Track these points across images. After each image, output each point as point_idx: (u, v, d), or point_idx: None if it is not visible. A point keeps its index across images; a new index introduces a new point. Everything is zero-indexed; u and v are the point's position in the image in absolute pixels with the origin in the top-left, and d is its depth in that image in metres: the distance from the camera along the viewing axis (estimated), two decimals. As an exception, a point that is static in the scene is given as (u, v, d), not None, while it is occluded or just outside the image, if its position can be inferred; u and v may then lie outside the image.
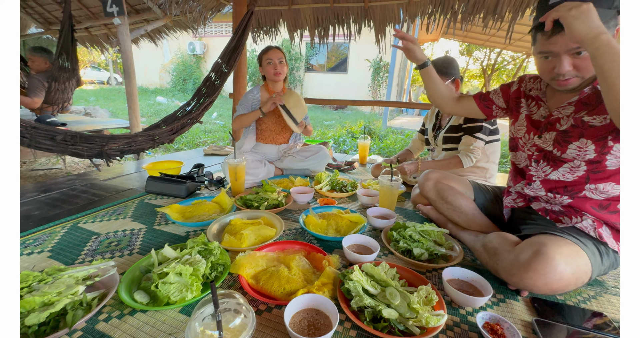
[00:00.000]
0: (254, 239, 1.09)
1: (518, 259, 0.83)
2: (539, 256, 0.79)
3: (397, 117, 9.64)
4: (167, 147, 4.37)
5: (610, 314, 0.83)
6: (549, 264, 0.78)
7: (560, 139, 0.93)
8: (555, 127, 0.95)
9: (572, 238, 0.85)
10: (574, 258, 0.81)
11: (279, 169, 2.00)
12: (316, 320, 0.72)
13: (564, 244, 0.82)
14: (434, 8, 2.70)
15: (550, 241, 0.82)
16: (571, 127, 0.91)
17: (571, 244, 0.83)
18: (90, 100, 8.82)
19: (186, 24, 3.73)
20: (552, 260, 0.78)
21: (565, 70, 0.82)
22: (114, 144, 1.86)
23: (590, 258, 0.83)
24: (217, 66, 2.33)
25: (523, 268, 0.81)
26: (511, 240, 0.93)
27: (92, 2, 3.47)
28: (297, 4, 3.05)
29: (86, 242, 1.09)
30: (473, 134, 1.53)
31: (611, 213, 0.90)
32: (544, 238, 0.84)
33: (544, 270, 0.78)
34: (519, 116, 1.09)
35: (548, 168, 0.98)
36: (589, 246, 0.85)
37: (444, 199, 1.21)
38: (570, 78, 0.84)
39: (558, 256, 0.79)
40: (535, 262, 0.79)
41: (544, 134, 0.98)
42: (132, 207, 1.42)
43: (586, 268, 0.82)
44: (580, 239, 0.86)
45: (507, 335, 0.71)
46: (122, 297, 0.76)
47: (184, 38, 9.58)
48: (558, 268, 0.78)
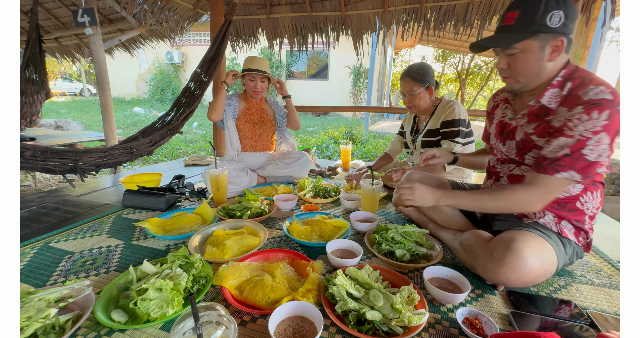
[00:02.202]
0: (238, 249, 1.08)
1: (492, 255, 0.88)
2: (510, 252, 0.84)
3: (379, 122, 9.84)
4: (145, 159, 4.24)
5: (579, 302, 0.89)
6: (519, 258, 0.83)
7: (518, 148, 1.01)
8: (514, 136, 1.02)
9: (538, 232, 0.92)
10: (541, 251, 0.86)
11: (261, 177, 1.99)
12: (301, 327, 0.72)
13: (531, 238, 0.88)
14: (408, 16, 2.82)
15: (519, 236, 0.87)
16: (522, 141, 0.99)
17: (537, 237, 0.89)
18: (62, 112, 8.45)
19: (163, 34, 3.68)
20: (522, 254, 0.83)
21: (500, 66, 0.92)
22: (89, 158, 1.80)
23: (555, 250, 0.90)
24: (196, 75, 2.31)
25: (497, 263, 0.86)
26: (485, 236, 0.98)
27: (61, 12, 3.36)
28: (275, 13, 3.09)
29: (58, 262, 1.04)
30: (452, 139, 1.59)
31: (570, 212, 0.96)
32: (513, 234, 0.89)
33: (516, 264, 0.83)
34: (491, 125, 1.16)
35: (513, 165, 1.06)
36: (553, 238, 0.92)
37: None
38: (507, 77, 0.93)
39: (527, 250, 0.84)
40: (507, 257, 0.84)
41: (507, 142, 1.05)
42: (109, 223, 1.37)
43: (552, 260, 0.89)
44: (544, 232, 0.93)
45: (486, 329, 0.74)
46: (98, 317, 0.73)
47: (161, 47, 9.43)
48: (528, 261, 0.83)
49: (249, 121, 1.95)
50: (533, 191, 0.87)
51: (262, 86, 1.85)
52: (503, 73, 0.93)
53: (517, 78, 0.92)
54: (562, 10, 0.82)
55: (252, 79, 1.82)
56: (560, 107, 0.87)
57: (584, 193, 0.93)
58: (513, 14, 0.85)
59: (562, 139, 0.83)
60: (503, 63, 0.91)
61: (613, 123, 0.77)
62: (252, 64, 1.78)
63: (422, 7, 2.68)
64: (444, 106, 1.63)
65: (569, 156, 0.82)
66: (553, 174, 0.84)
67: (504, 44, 0.86)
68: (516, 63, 0.89)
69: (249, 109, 1.95)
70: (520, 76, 0.91)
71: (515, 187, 0.91)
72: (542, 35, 0.83)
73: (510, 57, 0.89)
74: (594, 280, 1.01)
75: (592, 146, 0.79)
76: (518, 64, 0.89)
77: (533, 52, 0.85)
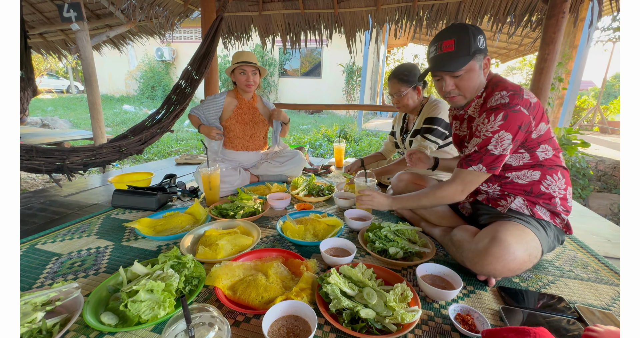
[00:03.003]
0: (231, 249, 1.07)
1: (477, 247, 0.91)
2: (494, 242, 0.88)
3: (372, 120, 9.87)
4: (136, 158, 4.16)
5: (567, 296, 0.91)
6: (502, 247, 0.87)
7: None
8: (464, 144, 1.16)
9: (518, 220, 0.96)
10: (523, 238, 0.90)
11: (254, 176, 1.97)
12: (295, 326, 0.72)
13: (512, 226, 0.92)
14: (401, 14, 2.83)
15: (501, 226, 0.92)
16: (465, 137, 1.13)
17: (518, 225, 0.94)
18: (48, 110, 8.23)
19: (152, 30, 3.61)
20: (504, 243, 0.87)
21: (448, 89, 1.03)
22: (76, 157, 1.75)
23: (536, 234, 0.94)
24: (187, 72, 2.27)
25: (483, 254, 0.89)
26: (471, 230, 1.03)
27: (46, 6, 3.26)
28: (268, 9, 3.06)
29: (45, 264, 1.01)
30: (423, 134, 1.60)
31: (538, 196, 1.01)
32: (495, 225, 0.94)
33: (499, 253, 0.87)
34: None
35: None
36: (532, 223, 0.97)
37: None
38: (455, 96, 1.05)
39: (510, 238, 0.88)
40: (491, 247, 0.88)
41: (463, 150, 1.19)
42: (98, 223, 1.34)
43: (535, 244, 0.93)
44: (523, 219, 0.98)
45: (477, 325, 0.75)
46: (87, 321, 0.71)
47: (151, 44, 9.23)
48: (511, 249, 0.87)
49: (241, 121, 1.89)
50: (453, 184, 1.04)
51: (254, 78, 1.78)
52: (451, 93, 1.05)
53: (465, 95, 1.05)
54: (482, 34, 0.98)
55: (242, 72, 1.75)
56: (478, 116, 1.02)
57: (543, 178, 1.00)
58: (449, 42, 0.98)
59: (474, 140, 1.00)
60: (451, 85, 1.03)
61: (510, 121, 0.92)
62: (241, 57, 1.75)
63: (414, 5, 2.69)
64: (429, 105, 1.65)
65: (477, 152, 0.98)
66: (466, 168, 1.00)
67: (455, 67, 0.98)
68: (463, 82, 1.02)
69: (241, 108, 1.89)
70: (468, 92, 1.04)
71: (441, 184, 1.08)
72: (477, 55, 0.98)
73: (456, 79, 1.02)
74: (581, 275, 1.03)
75: (494, 142, 0.94)
76: (465, 83, 1.02)
77: (475, 70, 1.00)
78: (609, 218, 2.92)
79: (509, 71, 21.78)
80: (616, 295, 0.94)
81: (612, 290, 0.96)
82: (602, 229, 1.47)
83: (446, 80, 1.02)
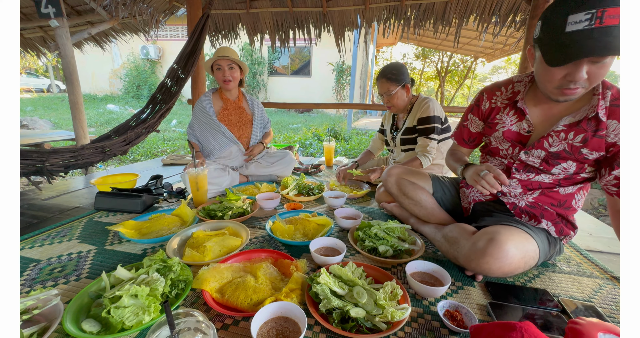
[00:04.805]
0: (219, 251, 1.05)
1: (476, 246, 0.91)
2: (493, 243, 0.87)
3: (362, 119, 9.92)
4: (121, 159, 4.05)
5: (552, 290, 0.93)
6: (501, 249, 0.86)
7: (550, 159, 0.94)
8: (543, 145, 0.94)
9: (525, 227, 0.95)
10: (523, 244, 0.90)
11: (244, 176, 1.94)
12: (285, 328, 0.71)
13: (516, 232, 0.92)
14: (389, 14, 2.84)
15: (504, 229, 0.91)
16: (564, 152, 0.91)
17: (522, 232, 0.93)
18: (27, 110, 7.91)
19: (136, 27, 3.51)
20: (504, 246, 0.87)
21: (582, 77, 0.78)
22: (56, 159, 1.68)
23: (539, 245, 0.94)
24: (173, 71, 2.22)
25: (480, 253, 0.89)
26: (469, 229, 1.02)
27: (23, 1, 3.11)
28: (256, 7, 3.02)
29: (23, 271, 0.97)
30: (427, 135, 1.63)
31: (566, 209, 1.01)
32: (498, 228, 0.93)
33: (498, 255, 0.86)
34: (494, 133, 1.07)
35: (532, 173, 1.01)
36: (539, 235, 0.96)
37: (405, 194, 1.27)
38: (579, 87, 0.81)
39: (510, 242, 0.88)
40: (490, 248, 0.87)
41: (531, 151, 0.97)
42: (80, 227, 1.29)
43: (534, 254, 0.93)
44: (531, 229, 0.96)
45: (466, 320, 0.76)
46: (67, 329, 0.68)
47: (136, 41, 8.99)
48: (509, 253, 0.87)
49: (228, 122, 1.85)
50: None
51: (231, 73, 1.72)
52: (579, 84, 0.81)
53: (591, 86, 0.82)
54: None
55: (218, 67, 1.71)
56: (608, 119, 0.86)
57: (578, 191, 1.00)
58: (615, 11, 0.75)
59: None
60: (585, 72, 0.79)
61: None
62: (217, 53, 1.72)
63: (402, 4, 2.71)
64: (419, 103, 1.67)
65: None
66: None
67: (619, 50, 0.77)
68: (601, 70, 0.79)
69: (227, 109, 1.85)
70: (596, 82, 0.82)
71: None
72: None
73: (594, 65, 0.78)
74: (564, 268, 1.06)
75: None
76: (602, 71, 0.80)
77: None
78: (590, 212, 3.02)
79: (494, 70, 22.25)
80: (597, 287, 0.97)
81: (593, 283, 0.99)
82: (583, 223, 1.51)
83: (582, 67, 0.76)
